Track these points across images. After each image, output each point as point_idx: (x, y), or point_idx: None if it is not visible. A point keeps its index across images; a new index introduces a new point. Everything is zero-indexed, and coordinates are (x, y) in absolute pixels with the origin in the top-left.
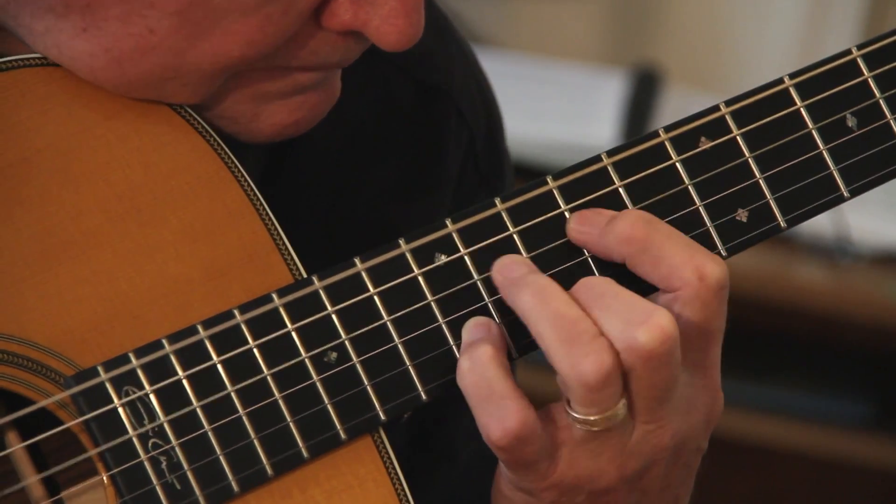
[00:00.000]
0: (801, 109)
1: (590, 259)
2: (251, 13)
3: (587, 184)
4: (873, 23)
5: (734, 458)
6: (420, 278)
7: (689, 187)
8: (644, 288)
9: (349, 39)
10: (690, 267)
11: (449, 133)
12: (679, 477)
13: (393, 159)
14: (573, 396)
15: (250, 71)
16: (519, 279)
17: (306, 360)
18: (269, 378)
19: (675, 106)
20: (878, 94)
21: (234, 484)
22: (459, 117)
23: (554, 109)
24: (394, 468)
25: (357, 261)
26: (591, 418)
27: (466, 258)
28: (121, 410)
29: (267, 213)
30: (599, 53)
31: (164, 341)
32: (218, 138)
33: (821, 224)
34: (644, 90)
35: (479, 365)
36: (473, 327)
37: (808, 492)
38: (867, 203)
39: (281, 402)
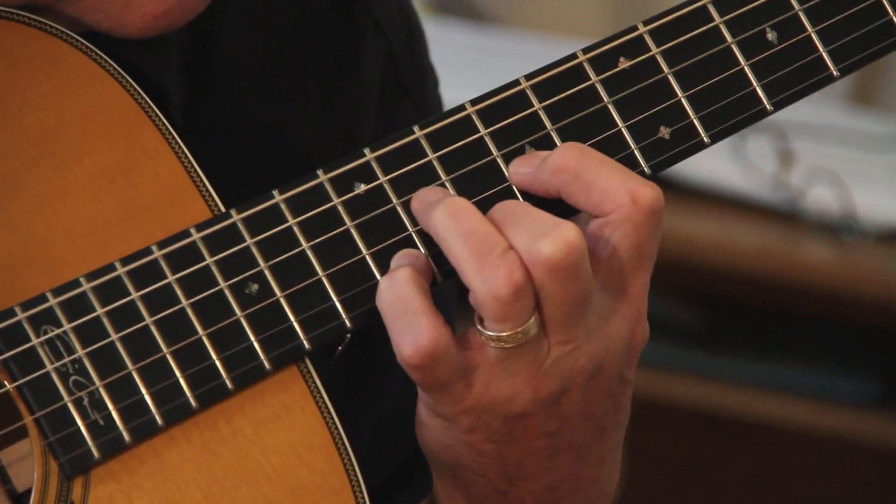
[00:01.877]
0: (720, 25)
1: (513, 187)
2: None
3: (506, 107)
4: None
5: (739, 436)
6: (339, 207)
7: (610, 107)
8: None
9: None
10: (623, 190)
11: (366, 45)
12: (602, 406)
13: (310, 76)
14: (485, 312)
15: None
16: (434, 202)
17: (226, 291)
18: (188, 310)
19: None
20: (797, 7)
21: (158, 418)
22: (377, 28)
23: None
24: (321, 397)
25: (276, 192)
26: (504, 334)
27: (386, 185)
28: (39, 348)
29: (184, 152)
30: (603, 30)
31: (82, 279)
32: (132, 81)
33: (826, 202)
34: None
35: (396, 283)
36: (401, 255)
37: (813, 470)
38: (873, 181)
39: (203, 336)
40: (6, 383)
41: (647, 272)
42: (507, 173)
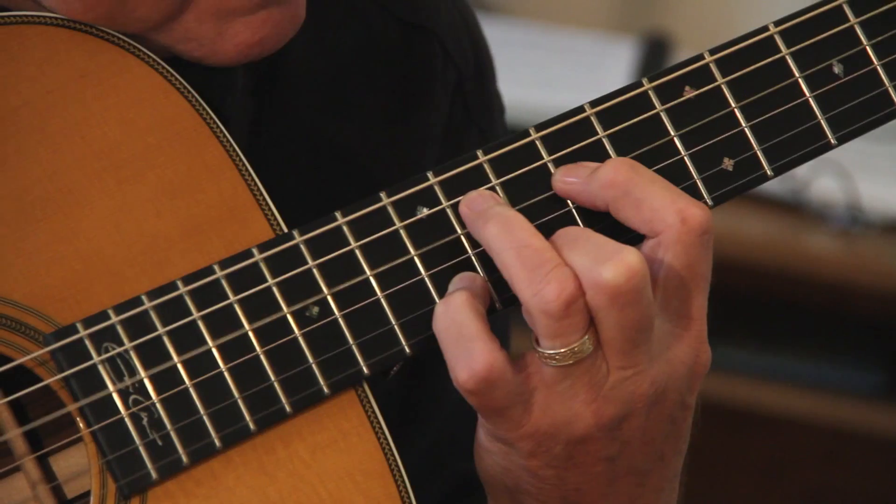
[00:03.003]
0: (787, 57)
1: (574, 210)
2: None
3: (570, 134)
4: None
5: (745, 427)
6: (402, 231)
7: (674, 137)
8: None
9: None
10: (673, 210)
11: (435, 73)
12: (662, 431)
13: (378, 100)
14: (537, 327)
15: None
16: (485, 211)
17: (288, 315)
18: (250, 333)
19: None
20: (864, 41)
21: (216, 440)
22: (445, 56)
23: (563, 77)
24: (378, 422)
25: (338, 214)
26: (558, 351)
27: (448, 211)
28: (100, 367)
29: (247, 169)
30: (609, 21)
31: (144, 297)
32: (197, 95)
33: (831, 192)
34: (653, 58)
35: (451, 308)
36: (458, 278)
37: (819, 461)
38: (877, 171)
39: (263, 358)
40: (67, 402)
41: (704, 293)
42: (552, 181)
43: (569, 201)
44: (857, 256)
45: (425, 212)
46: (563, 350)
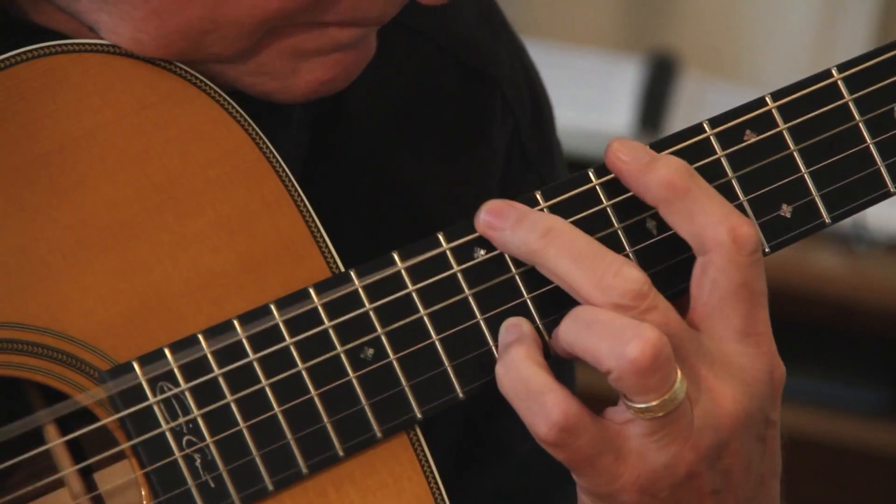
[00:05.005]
0: (850, 103)
1: (631, 254)
2: None
3: None
4: (890, 8)
5: None
6: (459, 275)
7: (733, 181)
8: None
9: None
10: (725, 226)
11: (494, 118)
12: (757, 453)
13: (435, 141)
14: (625, 388)
15: (288, 26)
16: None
17: (342, 356)
18: (304, 374)
19: (690, 92)
20: None
21: (269, 484)
22: (504, 103)
23: (569, 96)
24: (429, 466)
25: (396, 256)
26: (650, 405)
27: (506, 254)
28: (155, 408)
29: (305, 205)
30: (615, 39)
31: (200, 336)
32: (257, 128)
33: None
34: (660, 76)
35: (512, 367)
36: (506, 329)
37: (823, 478)
38: None
39: (317, 400)
40: (120, 441)
41: (764, 308)
42: (606, 151)
43: (626, 245)
44: (862, 275)
45: (482, 254)
46: (655, 403)
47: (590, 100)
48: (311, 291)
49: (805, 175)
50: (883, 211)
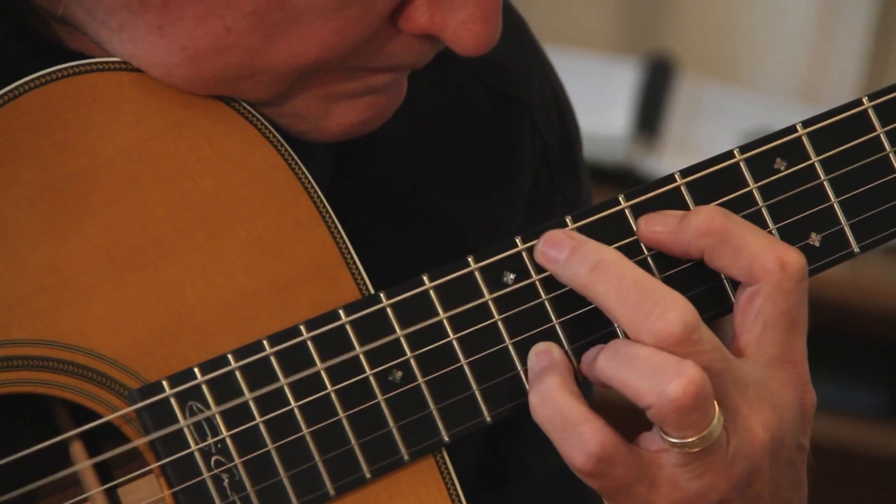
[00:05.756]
0: (881, 134)
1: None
2: (329, 16)
3: (660, 204)
4: (887, 11)
5: None
6: (489, 300)
7: (763, 210)
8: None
9: (425, 43)
10: (772, 256)
11: (523, 142)
12: (787, 478)
13: (464, 165)
14: (665, 425)
15: (323, 72)
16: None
17: (371, 378)
18: (333, 396)
19: (688, 94)
20: None
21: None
22: (534, 127)
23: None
24: (455, 490)
25: (426, 279)
26: (687, 441)
27: (537, 281)
28: (185, 429)
29: (336, 227)
30: (613, 42)
31: (230, 356)
32: (290, 149)
33: None
34: (658, 79)
35: (548, 398)
36: (536, 356)
37: (822, 481)
38: None
39: (345, 422)
40: (150, 461)
41: (803, 336)
42: (635, 228)
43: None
44: (860, 278)
45: (512, 277)
46: (693, 439)
47: (587, 102)
48: (341, 312)
49: (835, 204)
50: None
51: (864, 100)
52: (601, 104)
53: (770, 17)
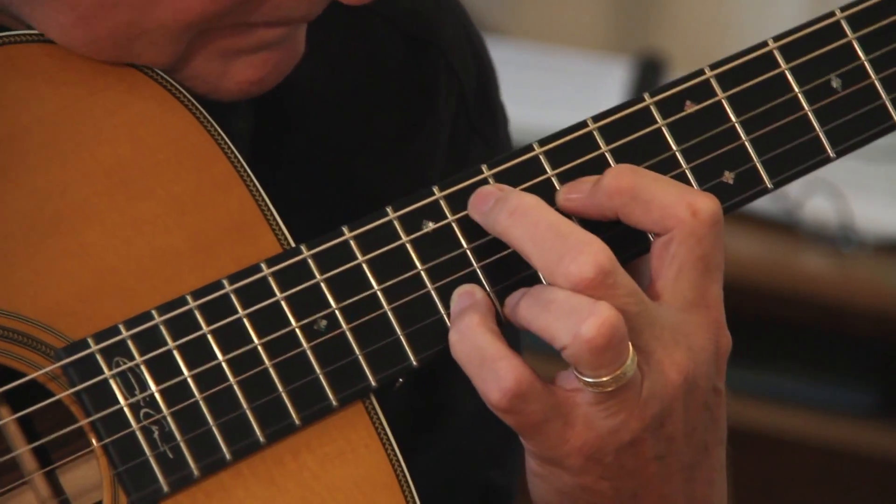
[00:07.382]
0: (786, 72)
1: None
2: None
3: (574, 149)
4: None
5: (738, 446)
6: (408, 245)
7: (677, 154)
8: (633, 253)
9: None
10: (683, 204)
11: (439, 87)
12: (701, 420)
13: (383, 113)
14: (579, 365)
15: (216, 29)
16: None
17: (296, 329)
18: (259, 347)
19: None
20: (862, 56)
21: (227, 454)
22: (449, 70)
23: (558, 97)
24: (385, 433)
25: (345, 229)
26: (601, 380)
27: (454, 225)
28: (111, 381)
29: (254, 184)
30: (603, 41)
31: (154, 312)
32: (204, 111)
33: (824, 212)
34: (648, 77)
35: (466, 335)
36: (458, 297)
37: (812, 480)
38: (871, 191)
39: (272, 371)
40: (79, 417)
41: (719, 282)
42: (555, 199)
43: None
44: (850, 276)
45: (431, 226)
46: (606, 378)
47: (578, 101)
48: (263, 265)
49: (746, 143)
50: (870, 212)
51: (769, 41)
52: (591, 103)
53: (760, 15)
